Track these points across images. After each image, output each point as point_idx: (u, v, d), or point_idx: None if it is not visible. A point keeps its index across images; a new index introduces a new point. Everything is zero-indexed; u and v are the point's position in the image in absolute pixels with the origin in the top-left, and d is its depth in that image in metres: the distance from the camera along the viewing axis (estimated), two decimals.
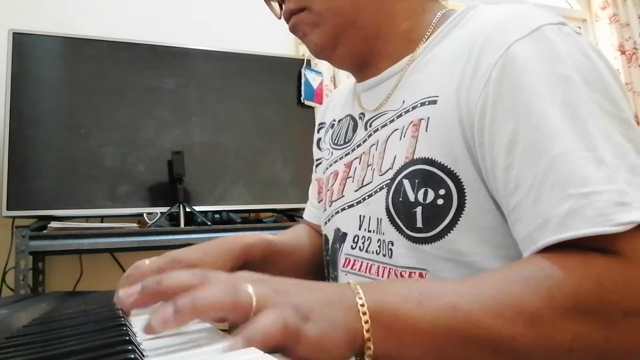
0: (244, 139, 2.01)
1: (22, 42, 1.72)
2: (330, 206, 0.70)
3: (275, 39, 2.32)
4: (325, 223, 0.72)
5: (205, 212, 1.82)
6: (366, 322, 0.34)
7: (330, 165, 0.73)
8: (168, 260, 0.56)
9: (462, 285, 0.40)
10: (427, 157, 0.53)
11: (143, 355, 0.30)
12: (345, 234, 0.65)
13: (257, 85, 2.06)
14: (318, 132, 0.83)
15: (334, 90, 0.97)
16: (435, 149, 0.52)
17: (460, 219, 0.51)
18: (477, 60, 0.50)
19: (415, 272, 0.55)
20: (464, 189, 0.51)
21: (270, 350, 0.29)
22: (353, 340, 0.34)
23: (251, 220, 1.98)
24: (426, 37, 0.61)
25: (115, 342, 0.30)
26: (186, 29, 2.16)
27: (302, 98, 2.13)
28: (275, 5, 0.68)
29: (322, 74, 2.23)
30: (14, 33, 1.71)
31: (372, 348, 0.34)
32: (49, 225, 1.58)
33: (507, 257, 0.49)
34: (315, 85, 2.17)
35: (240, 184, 1.96)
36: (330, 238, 0.70)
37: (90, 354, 0.28)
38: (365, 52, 0.64)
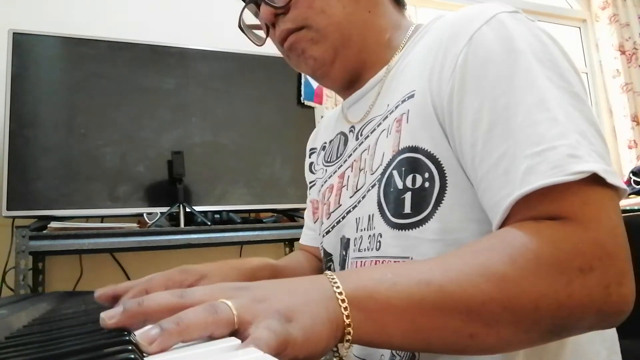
0: (244, 139, 2.01)
1: (22, 42, 1.72)
2: (328, 218, 0.72)
3: None
4: (324, 235, 0.74)
5: (205, 212, 1.82)
6: (345, 308, 0.37)
7: (325, 182, 0.76)
8: (178, 269, 0.61)
9: (432, 262, 0.43)
10: (410, 146, 0.56)
11: (143, 355, 0.30)
12: (348, 240, 0.67)
13: (257, 85, 2.06)
14: (309, 157, 0.88)
15: (323, 117, 1.02)
16: (417, 137, 0.56)
17: (444, 198, 0.54)
18: (444, 52, 0.54)
19: (399, 261, 0.57)
20: (444, 170, 0.54)
21: None
22: (336, 329, 0.36)
23: (251, 220, 1.98)
24: (401, 47, 0.67)
25: (115, 342, 0.30)
26: (186, 29, 2.16)
27: (302, 98, 2.13)
28: (260, 32, 0.71)
29: None
30: (14, 33, 1.71)
31: (351, 332, 0.37)
32: (49, 225, 1.58)
33: (490, 232, 0.51)
34: (315, 85, 2.17)
35: (240, 184, 1.96)
36: (336, 248, 0.71)
37: (90, 354, 0.28)
38: (357, 66, 0.68)
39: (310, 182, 0.86)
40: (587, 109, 0.49)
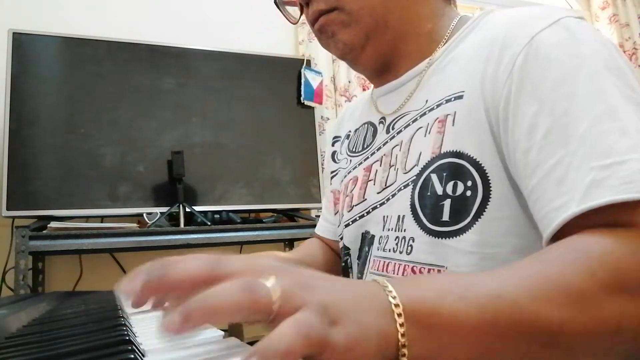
0: (244, 139, 2.01)
1: (22, 42, 1.72)
2: (349, 211, 0.69)
3: (275, 39, 2.32)
4: (345, 227, 0.71)
5: (205, 212, 1.82)
6: (401, 324, 0.30)
7: (348, 173, 0.73)
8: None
9: (499, 273, 0.36)
10: (455, 150, 0.53)
11: (143, 355, 0.30)
12: (373, 236, 0.65)
13: (257, 85, 2.06)
14: (333, 145, 0.84)
15: (347, 103, 0.98)
16: (463, 142, 0.53)
17: (485, 210, 0.51)
18: (500, 53, 0.51)
19: (434, 269, 0.54)
20: (489, 180, 0.51)
21: None
22: (386, 346, 0.29)
23: (251, 220, 1.98)
24: (445, 39, 0.62)
25: (115, 342, 0.30)
26: (186, 29, 2.16)
27: (302, 98, 2.13)
28: (293, 10, 0.68)
29: (322, 74, 2.23)
30: (14, 33, 1.71)
31: (407, 354, 0.30)
32: (48, 225, 1.58)
33: (531, 249, 0.48)
34: (315, 85, 2.17)
35: (240, 184, 1.96)
36: (356, 242, 0.69)
37: (90, 354, 0.28)
38: (390, 54, 0.65)
39: (332, 172, 0.82)
40: None
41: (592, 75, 0.45)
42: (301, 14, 0.67)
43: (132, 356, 0.27)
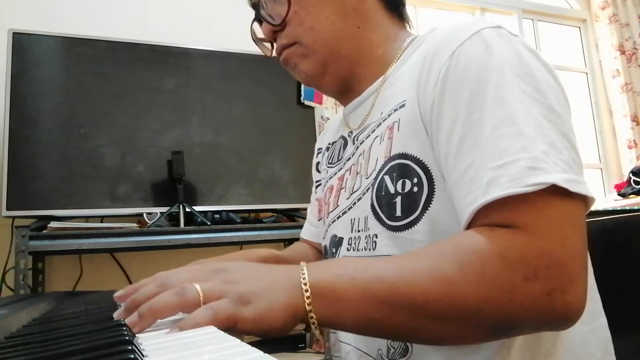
0: (244, 139, 2.01)
1: (22, 42, 1.72)
2: (327, 217, 0.77)
3: None
4: (325, 235, 0.79)
5: (205, 212, 1.82)
6: (308, 297, 0.44)
7: (326, 182, 0.81)
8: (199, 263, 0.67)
9: (390, 261, 0.49)
10: (401, 152, 0.60)
11: (143, 355, 0.30)
12: (341, 239, 0.71)
13: (257, 85, 2.06)
14: (316, 156, 0.92)
15: (330, 119, 1.04)
16: (407, 144, 0.60)
17: (431, 203, 0.57)
18: (430, 64, 0.58)
19: None
20: (432, 176, 0.57)
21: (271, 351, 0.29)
22: (295, 312, 0.44)
23: (251, 220, 1.98)
24: (397, 58, 0.70)
25: (115, 342, 0.30)
26: (186, 29, 2.16)
27: (301, 98, 2.13)
28: (267, 45, 0.76)
29: None
30: (14, 33, 1.71)
31: (314, 317, 0.44)
32: (48, 225, 1.58)
33: None
34: None
35: (240, 184, 1.96)
36: (331, 246, 0.75)
37: (90, 354, 0.28)
38: (348, 77, 0.72)
39: (316, 181, 0.90)
40: (561, 120, 0.51)
41: (498, 85, 0.51)
42: (272, 49, 0.75)
43: (132, 356, 0.27)
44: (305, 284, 0.45)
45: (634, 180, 2.49)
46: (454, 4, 2.93)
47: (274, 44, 0.73)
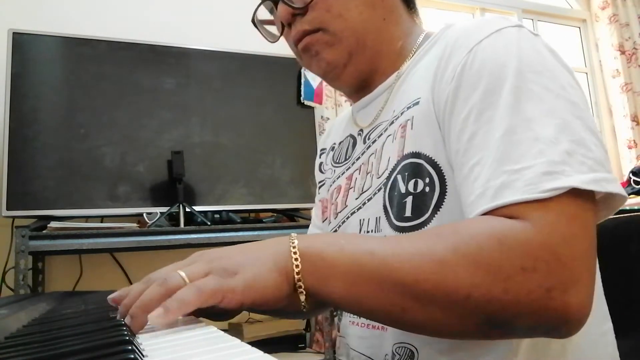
0: (244, 139, 2.01)
1: (22, 42, 1.72)
2: (335, 218, 0.74)
3: None
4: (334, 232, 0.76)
5: (205, 212, 1.82)
6: (296, 259, 0.44)
7: (333, 182, 0.78)
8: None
9: (386, 239, 0.49)
10: (414, 152, 0.59)
11: (143, 355, 0.30)
12: None
13: (257, 85, 2.06)
14: (320, 157, 0.89)
15: (334, 118, 1.02)
16: (420, 142, 0.58)
17: (443, 203, 0.55)
18: (447, 61, 0.56)
19: None
20: (445, 176, 0.56)
21: (270, 351, 0.29)
22: (286, 276, 0.44)
23: (251, 220, 1.98)
24: (411, 54, 0.68)
25: (115, 342, 0.30)
26: (186, 29, 2.16)
27: (301, 98, 2.13)
28: (273, 28, 0.72)
29: None
30: (14, 33, 1.71)
31: (302, 281, 0.44)
32: (48, 225, 1.58)
33: None
34: (315, 85, 2.17)
35: (240, 184, 1.96)
36: None
37: (90, 354, 0.28)
38: (368, 71, 0.69)
39: (319, 182, 0.87)
40: (587, 116, 0.49)
41: (516, 87, 0.50)
42: (281, 34, 0.70)
43: (132, 356, 0.27)
44: (294, 251, 0.45)
45: (634, 180, 2.49)
46: (454, 4, 2.93)
47: (285, 29, 0.69)
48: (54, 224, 1.58)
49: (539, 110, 0.48)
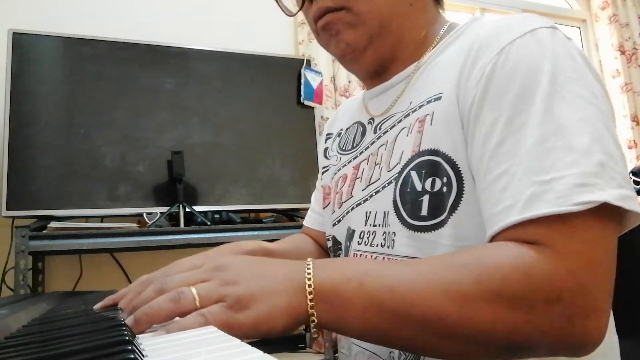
0: (244, 139, 2.01)
1: (22, 42, 1.72)
2: (339, 208, 0.72)
3: (275, 39, 2.32)
4: (334, 225, 0.74)
5: (205, 212, 1.82)
6: (311, 299, 0.42)
7: (338, 170, 0.75)
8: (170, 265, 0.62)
9: (404, 268, 0.46)
10: (432, 149, 0.56)
11: (143, 355, 0.30)
12: (353, 231, 0.67)
13: (257, 85, 2.06)
14: (325, 142, 0.86)
15: (342, 102, 1.00)
16: (439, 140, 0.55)
17: (459, 205, 0.53)
18: (475, 59, 0.53)
19: None
20: (462, 177, 0.53)
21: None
22: (297, 316, 0.42)
23: (251, 220, 1.98)
24: (434, 45, 0.65)
25: (115, 342, 0.30)
26: (186, 29, 2.16)
27: (301, 98, 2.13)
28: (290, 2, 0.68)
29: (322, 74, 2.23)
30: (13, 33, 1.71)
31: (316, 320, 0.42)
32: (48, 225, 1.58)
33: None
34: (315, 85, 2.17)
35: (240, 184, 1.96)
36: (342, 238, 0.71)
37: (90, 354, 0.28)
38: (387, 57, 0.66)
39: (323, 167, 0.84)
40: (614, 127, 0.48)
41: (550, 92, 0.47)
42: (300, 8, 0.67)
43: (132, 356, 0.27)
44: (309, 285, 0.42)
45: (634, 180, 2.49)
46: (454, 4, 2.93)
47: (306, 4, 0.66)
48: (54, 224, 1.58)
49: (572, 118, 0.46)
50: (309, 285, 0.42)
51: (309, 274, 0.43)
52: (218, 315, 0.40)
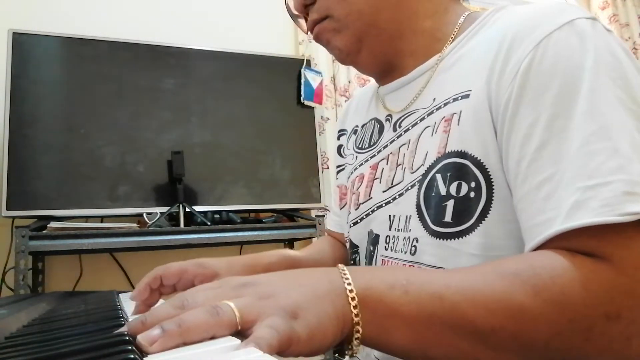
0: (244, 139, 2.01)
1: (22, 42, 1.72)
2: (357, 209, 0.69)
3: (275, 39, 2.32)
4: (352, 226, 0.71)
5: (205, 212, 1.82)
6: (355, 306, 0.36)
7: (355, 169, 0.73)
8: (194, 262, 0.61)
9: (452, 275, 0.41)
10: (459, 150, 0.53)
11: (143, 355, 0.30)
12: (377, 236, 0.65)
13: (257, 85, 2.06)
14: (338, 139, 0.84)
15: (353, 96, 0.96)
16: (467, 141, 0.52)
17: (489, 212, 0.50)
18: (507, 54, 0.50)
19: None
20: (492, 181, 0.50)
21: None
22: (343, 326, 0.36)
23: (251, 220, 1.98)
24: (453, 36, 0.62)
25: (115, 342, 0.30)
26: (186, 29, 2.16)
27: (301, 98, 2.13)
28: (303, 21, 0.69)
29: (322, 74, 2.23)
30: (13, 33, 1.71)
31: (360, 331, 0.36)
32: (48, 225, 1.58)
33: None
34: (315, 85, 2.17)
35: (240, 184, 1.96)
36: (363, 241, 0.69)
37: (90, 354, 0.28)
38: (390, 53, 0.65)
39: (338, 166, 0.82)
40: None
41: (592, 90, 0.44)
42: (295, 22, 0.70)
43: (132, 356, 0.27)
44: (351, 291, 0.37)
45: None
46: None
47: (299, 20, 0.68)
48: (53, 224, 1.58)
49: (614, 119, 0.43)
50: (350, 291, 0.37)
51: (347, 279, 0.38)
52: (280, 324, 0.32)
